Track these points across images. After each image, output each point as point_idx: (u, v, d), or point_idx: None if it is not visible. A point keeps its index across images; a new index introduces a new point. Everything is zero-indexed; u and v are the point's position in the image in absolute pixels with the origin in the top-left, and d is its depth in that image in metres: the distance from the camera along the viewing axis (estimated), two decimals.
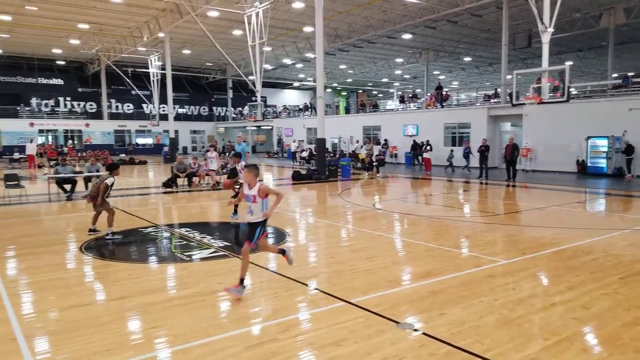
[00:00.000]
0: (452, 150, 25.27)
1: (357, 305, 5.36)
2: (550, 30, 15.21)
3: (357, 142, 32.98)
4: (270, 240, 9.33)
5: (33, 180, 20.23)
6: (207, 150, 20.06)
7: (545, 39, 15.25)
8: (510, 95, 23.14)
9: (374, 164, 23.30)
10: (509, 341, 4.44)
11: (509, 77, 26.97)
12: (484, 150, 20.89)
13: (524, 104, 17.39)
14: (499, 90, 28.77)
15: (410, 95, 37.21)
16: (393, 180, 21.45)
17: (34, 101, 43.19)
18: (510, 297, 5.66)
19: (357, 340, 4.48)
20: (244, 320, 5.10)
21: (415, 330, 4.72)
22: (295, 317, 5.20)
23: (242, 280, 5.71)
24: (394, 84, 60.53)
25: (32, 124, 40.95)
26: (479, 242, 8.78)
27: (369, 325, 4.82)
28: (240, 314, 5.29)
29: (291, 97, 59.44)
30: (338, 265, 7.18)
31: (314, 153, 26.70)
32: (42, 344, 4.55)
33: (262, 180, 5.84)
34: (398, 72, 51.61)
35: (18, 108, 41.68)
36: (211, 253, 7.96)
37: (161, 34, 31.32)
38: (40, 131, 41.41)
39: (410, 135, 29.88)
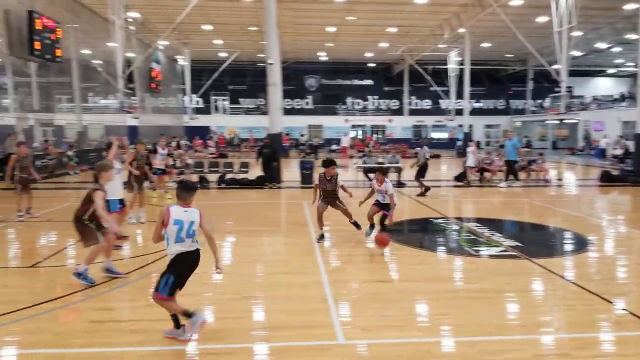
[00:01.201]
0: None
1: None
2: None
3: None
4: (569, 247, 8.49)
5: (345, 168, 23.40)
6: (467, 145, 18.84)
7: None
8: None
9: None
10: None
11: None
12: None
13: None
14: None
15: None
16: None
17: (349, 100, 49.83)
18: None
19: None
20: (532, 326, 4.82)
21: None
22: (594, 335, 4.64)
23: (177, 320, 4.48)
24: None
25: (346, 120, 47.44)
26: None
27: None
28: (529, 319, 5.02)
29: (603, 86, 51.57)
30: None
31: (631, 151, 22.60)
32: (345, 308, 5.31)
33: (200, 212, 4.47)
34: None
35: (336, 107, 48.91)
36: (500, 251, 7.75)
37: (461, 30, 31.58)
38: (353, 126, 47.52)
39: None
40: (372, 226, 8.49)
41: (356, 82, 50.24)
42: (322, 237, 8.30)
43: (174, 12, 24.38)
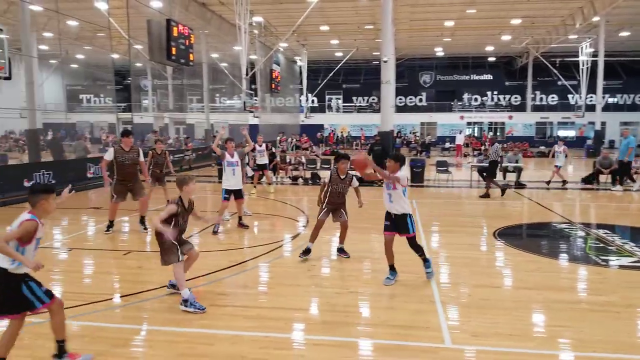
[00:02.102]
0: None
1: None
2: None
3: None
4: None
5: (459, 167, 22.58)
6: (556, 143, 17.20)
7: None
8: None
9: None
10: None
11: None
12: None
13: None
14: None
15: None
16: None
17: (465, 96, 47.81)
18: None
19: None
20: None
21: None
22: None
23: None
24: None
25: (461, 117, 45.69)
26: None
27: None
28: None
29: None
30: None
31: None
32: (453, 312, 5.16)
33: (32, 215, 3.64)
34: None
35: (452, 103, 47.26)
36: (633, 262, 6.98)
37: (596, 18, 28.76)
38: (468, 123, 45.63)
39: None
40: (392, 268, 6.13)
41: (474, 77, 48.04)
42: (308, 251, 7.07)
43: (294, 15, 25.39)
